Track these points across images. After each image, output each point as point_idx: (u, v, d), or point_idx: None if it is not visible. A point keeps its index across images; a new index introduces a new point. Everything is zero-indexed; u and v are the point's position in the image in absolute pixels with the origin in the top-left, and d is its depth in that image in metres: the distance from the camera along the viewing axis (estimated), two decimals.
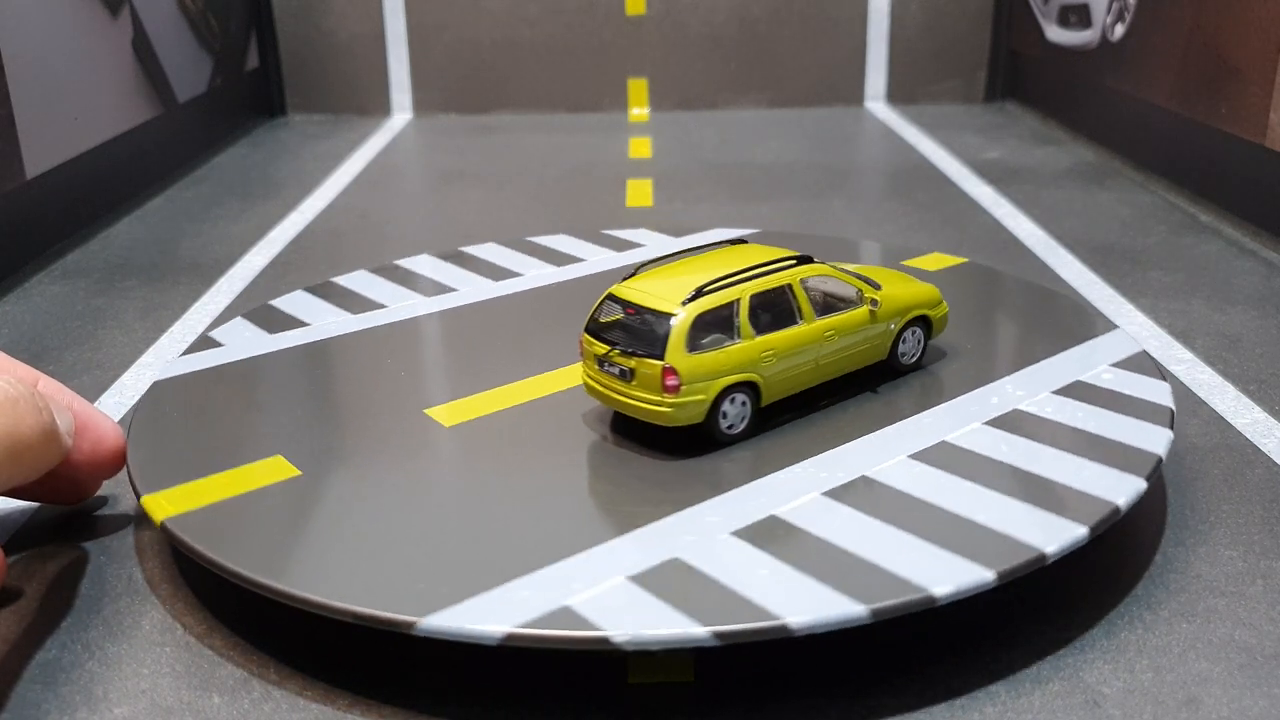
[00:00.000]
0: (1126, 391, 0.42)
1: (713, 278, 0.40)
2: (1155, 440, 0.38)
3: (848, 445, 0.39)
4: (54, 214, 0.73)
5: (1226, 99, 0.73)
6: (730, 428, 0.39)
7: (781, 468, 0.38)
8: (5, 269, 0.66)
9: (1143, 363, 0.44)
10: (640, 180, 0.87)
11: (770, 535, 0.33)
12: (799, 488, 0.36)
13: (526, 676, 0.31)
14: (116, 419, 0.47)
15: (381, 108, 1.18)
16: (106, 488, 0.41)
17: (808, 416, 0.41)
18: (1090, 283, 0.62)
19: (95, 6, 0.80)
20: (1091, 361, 0.45)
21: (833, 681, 0.31)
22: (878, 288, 0.43)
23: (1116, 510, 0.34)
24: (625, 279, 0.42)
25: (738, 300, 0.39)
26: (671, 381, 0.38)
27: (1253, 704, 0.30)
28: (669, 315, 0.39)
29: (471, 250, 0.62)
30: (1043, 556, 0.32)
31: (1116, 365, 0.44)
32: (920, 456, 0.38)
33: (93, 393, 0.50)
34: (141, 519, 0.40)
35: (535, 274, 0.58)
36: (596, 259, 0.60)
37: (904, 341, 0.44)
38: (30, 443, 0.33)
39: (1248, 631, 0.32)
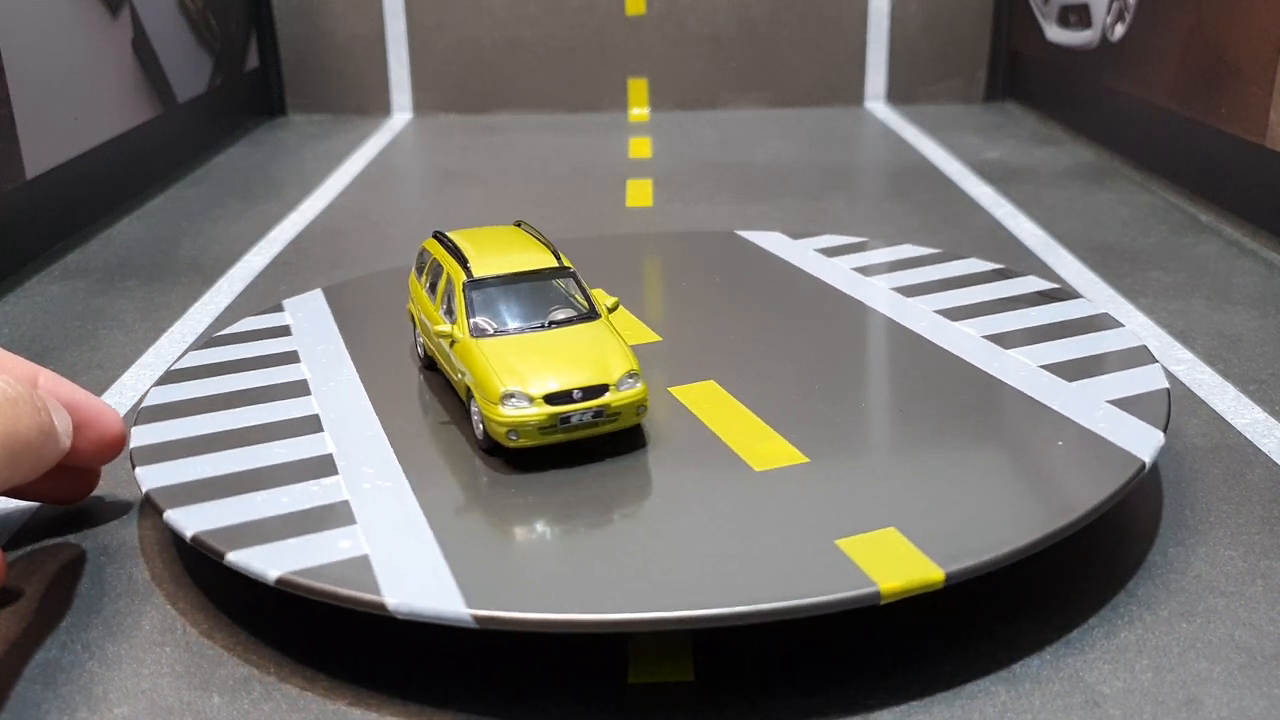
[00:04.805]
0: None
1: (473, 244, 0.44)
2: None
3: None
4: (54, 214, 0.73)
5: (1226, 99, 0.73)
6: (421, 354, 0.46)
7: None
8: (5, 269, 0.66)
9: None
10: (640, 180, 0.87)
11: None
12: None
13: (527, 676, 0.31)
14: None
15: (381, 108, 1.18)
16: (106, 489, 0.41)
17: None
18: (1090, 282, 0.62)
19: (95, 6, 0.80)
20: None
21: (832, 681, 0.31)
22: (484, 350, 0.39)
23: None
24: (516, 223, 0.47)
25: (438, 262, 0.44)
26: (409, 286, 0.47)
27: (1253, 704, 0.30)
28: None
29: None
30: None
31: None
32: None
33: (93, 393, 0.50)
34: (142, 519, 0.40)
35: None
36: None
37: (475, 413, 0.39)
38: (29, 442, 0.33)
39: (1248, 631, 0.32)
